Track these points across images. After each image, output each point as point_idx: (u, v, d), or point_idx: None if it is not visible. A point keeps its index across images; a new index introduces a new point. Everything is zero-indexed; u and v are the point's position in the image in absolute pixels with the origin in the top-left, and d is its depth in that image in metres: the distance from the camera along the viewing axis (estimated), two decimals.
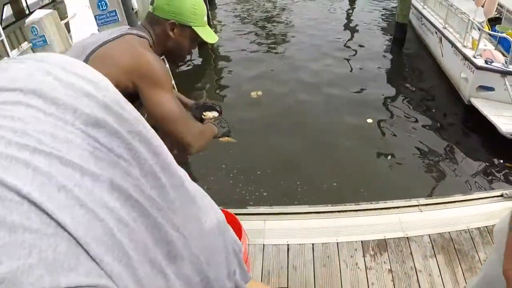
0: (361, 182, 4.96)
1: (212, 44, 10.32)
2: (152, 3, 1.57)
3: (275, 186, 4.97)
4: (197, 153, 1.59)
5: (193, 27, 1.58)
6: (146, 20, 1.61)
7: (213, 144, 1.85)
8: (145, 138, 0.55)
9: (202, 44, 9.79)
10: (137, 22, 5.47)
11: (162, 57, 1.65)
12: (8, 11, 8.88)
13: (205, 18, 1.63)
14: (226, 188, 5.00)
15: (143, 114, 1.51)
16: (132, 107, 0.58)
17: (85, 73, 0.54)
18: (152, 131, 0.60)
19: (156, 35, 1.58)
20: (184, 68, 8.97)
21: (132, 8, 5.86)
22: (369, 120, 6.46)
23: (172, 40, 1.59)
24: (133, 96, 1.44)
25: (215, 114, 2.14)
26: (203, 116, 2.10)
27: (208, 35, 1.65)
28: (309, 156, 5.56)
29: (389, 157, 5.57)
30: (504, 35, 6.41)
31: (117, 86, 1.41)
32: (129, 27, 1.59)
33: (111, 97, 0.54)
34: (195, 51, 9.69)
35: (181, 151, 1.54)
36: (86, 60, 1.40)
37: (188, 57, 2.21)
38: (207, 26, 1.67)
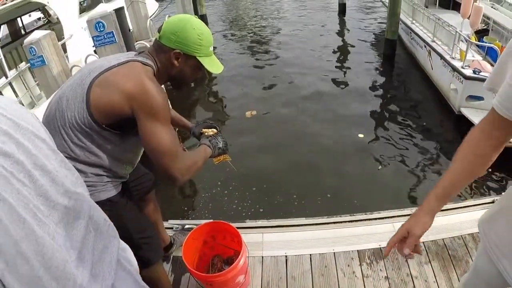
0: (355, 194, 5.03)
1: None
2: (159, 31, 1.59)
3: (271, 201, 5.00)
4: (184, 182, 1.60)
5: (197, 57, 1.59)
6: (153, 47, 1.62)
7: (208, 161, 1.87)
8: (47, 170, 0.80)
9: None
10: (134, 43, 5.53)
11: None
12: (3, 30, 8.96)
13: (211, 48, 1.64)
14: (222, 204, 5.03)
15: None
16: (49, 145, 0.86)
17: (14, 116, 0.77)
18: (59, 163, 0.87)
19: (161, 62, 1.60)
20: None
21: (129, 29, 5.92)
22: (361, 135, 6.54)
23: (176, 69, 1.61)
24: (133, 120, 1.47)
25: (214, 130, 2.20)
26: (201, 132, 2.16)
27: (213, 66, 1.65)
28: (303, 171, 5.61)
29: (380, 167, 5.65)
30: (491, 45, 6.55)
31: (116, 109, 1.46)
32: (135, 53, 1.63)
33: (28, 137, 0.78)
34: None
35: (167, 180, 1.55)
36: (91, 83, 1.45)
37: None
38: (213, 56, 1.68)
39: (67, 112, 1.47)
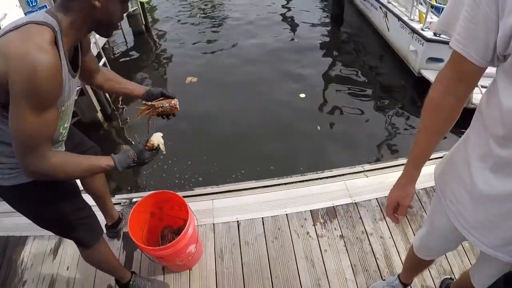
0: (299, 159, 4.93)
1: (146, 25, 9.59)
2: None
3: (208, 170, 4.86)
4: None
5: None
6: (59, 1, 1.31)
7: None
8: None
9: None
10: None
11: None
12: None
13: None
14: (163, 180, 4.84)
15: None
16: None
17: None
18: None
19: (76, 12, 1.29)
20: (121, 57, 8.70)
21: None
22: (302, 95, 6.44)
23: (101, 10, 1.29)
24: None
25: (174, 101, 1.79)
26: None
27: None
28: (241, 138, 5.47)
29: (318, 127, 5.58)
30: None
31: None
32: (44, 10, 1.30)
33: None
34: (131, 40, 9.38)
35: None
36: None
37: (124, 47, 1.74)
38: None
39: None
